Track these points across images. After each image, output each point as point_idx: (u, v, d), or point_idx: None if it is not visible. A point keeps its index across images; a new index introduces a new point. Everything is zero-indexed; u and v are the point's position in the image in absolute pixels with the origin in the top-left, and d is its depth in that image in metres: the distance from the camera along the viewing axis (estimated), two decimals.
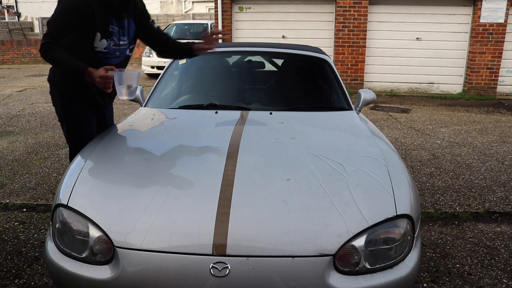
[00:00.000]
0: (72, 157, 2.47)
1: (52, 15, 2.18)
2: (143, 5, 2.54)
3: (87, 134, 2.45)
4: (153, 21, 2.57)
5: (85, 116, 2.47)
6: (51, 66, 2.44)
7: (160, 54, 2.71)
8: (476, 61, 8.57)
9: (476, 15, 8.40)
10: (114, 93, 2.61)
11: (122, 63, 2.48)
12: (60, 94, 2.42)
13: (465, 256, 2.73)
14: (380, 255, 1.66)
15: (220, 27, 8.88)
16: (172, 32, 12.08)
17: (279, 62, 3.58)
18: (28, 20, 22.89)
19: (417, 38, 8.75)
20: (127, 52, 2.47)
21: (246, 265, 1.54)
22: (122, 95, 2.22)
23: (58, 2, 2.18)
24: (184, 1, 23.97)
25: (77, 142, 2.43)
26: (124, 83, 2.19)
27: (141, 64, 10.97)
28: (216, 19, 8.97)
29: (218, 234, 1.58)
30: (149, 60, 10.52)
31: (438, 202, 3.55)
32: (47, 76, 2.48)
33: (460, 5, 8.54)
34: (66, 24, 2.16)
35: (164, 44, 2.63)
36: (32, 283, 2.40)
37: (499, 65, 8.60)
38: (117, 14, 2.32)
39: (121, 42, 2.38)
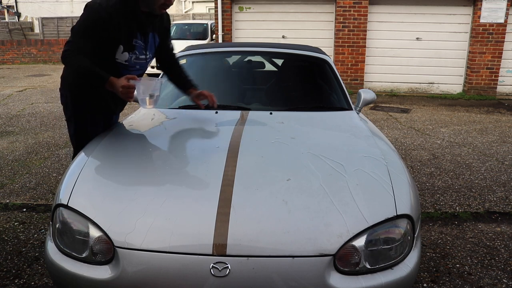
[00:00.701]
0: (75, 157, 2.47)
1: (77, 22, 2.19)
2: (169, 22, 2.55)
3: (93, 136, 2.45)
4: (171, 42, 2.59)
5: (93, 119, 2.48)
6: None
7: (162, 71, 2.73)
8: (476, 61, 8.57)
9: (476, 15, 8.40)
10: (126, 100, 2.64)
11: (141, 75, 2.50)
12: (72, 94, 2.43)
13: (465, 256, 2.73)
14: (380, 255, 1.66)
15: (220, 27, 8.89)
16: (172, 32, 12.07)
17: (279, 62, 3.58)
18: (28, 20, 22.89)
19: (417, 38, 8.75)
20: (147, 65, 2.49)
21: (246, 265, 1.54)
22: (145, 105, 2.20)
23: (84, 10, 2.19)
24: (184, 1, 23.96)
25: (82, 143, 2.43)
26: (146, 92, 2.17)
27: None
28: (216, 19, 8.97)
29: (218, 234, 1.58)
30: None
31: (438, 202, 3.55)
32: (48, 76, 2.48)
33: (460, 5, 8.54)
34: (88, 33, 2.16)
35: (169, 67, 2.66)
36: (32, 283, 2.40)
37: (499, 65, 8.61)
38: (143, 29, 2.31)
39: (141, 56, 2.38)
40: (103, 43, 2.21)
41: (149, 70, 10.72)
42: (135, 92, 2.20)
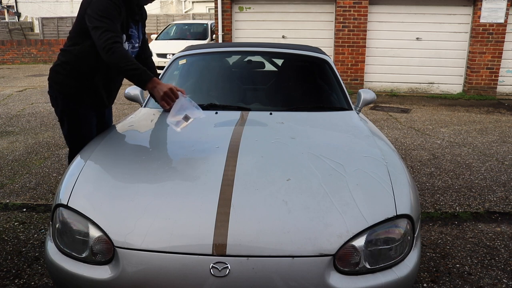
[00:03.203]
0: (71, 157, 2.46)
1: (95, 13, 2.07)
2: (146, 15, 2.59)
3: (87, 134, 2.44)
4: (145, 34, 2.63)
5: (86, 116, 2.47)
6: (52, 65, 2.43)
7: None
8: (476, 61, 8.57)
9: (476, 15, 8.40)
10: (116, 93, 2.64)
11: None
12: (62, 94, 2.40)
13: (465, 256, 2.73)
14: (380, 255, 1.66)
15: (220, 27, 8.89)
16: (172, 32, 12.08)
17: (279, 62, 3.58)
18: (28, 20, 22.89)
19: (417, 38, 8.75)
20: (134, 55, 2.50)
21: (246, 265, 1.54)
22: (177, 125, 2.09)
23: (92, 2, 2.12)
24: (184, 1, 23.97)
25: (77, 142, 2.43)
26: (183, 110, 2.07)
27: None
28: (216, 19, 8.97)
29: (218, 234, 1.58)
30: None
31: (438, 202, 3.55)
32: (47, 76, 2.47)
33: (460, 5, 8.54)
34: (114, 18, 2.08)
35: (144, 60, 2.64)
36: (32, 283, 2.40)
37: (499, 65, 8.61)
38: (135, 19, 2.35)
39: (136, 45, 2.41)
40: None
41: None
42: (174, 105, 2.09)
